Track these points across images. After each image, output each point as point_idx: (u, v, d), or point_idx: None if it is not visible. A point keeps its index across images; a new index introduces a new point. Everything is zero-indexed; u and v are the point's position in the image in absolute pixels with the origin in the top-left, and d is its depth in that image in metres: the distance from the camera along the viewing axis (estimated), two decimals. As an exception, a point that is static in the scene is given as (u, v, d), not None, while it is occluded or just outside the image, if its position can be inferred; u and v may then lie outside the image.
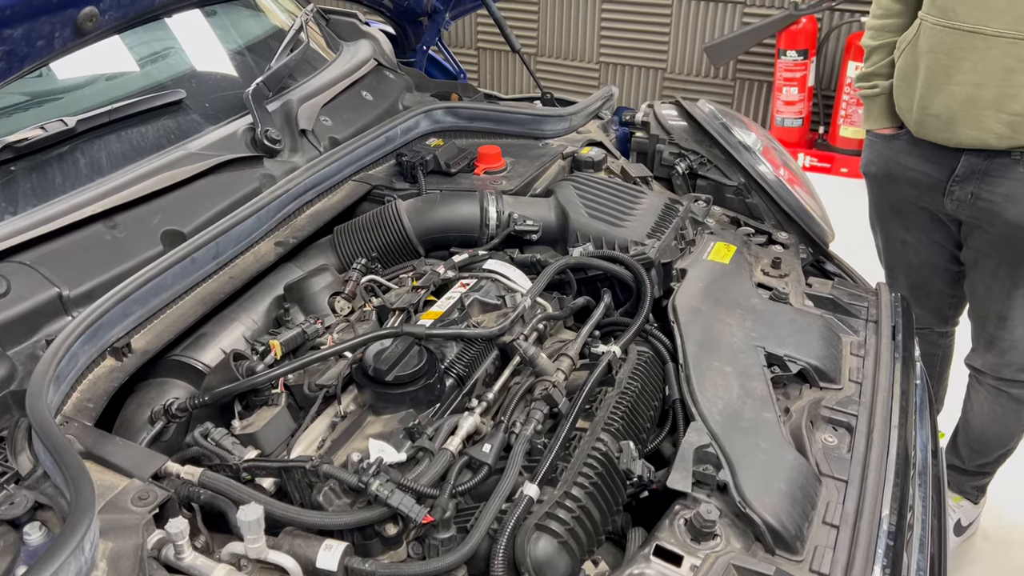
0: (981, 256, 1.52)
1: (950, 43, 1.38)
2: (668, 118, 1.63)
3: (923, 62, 1.43)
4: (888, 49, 1.53)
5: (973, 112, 1.38)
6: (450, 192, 1.33)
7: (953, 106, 1.40)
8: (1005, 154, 1.39)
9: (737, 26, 3.93)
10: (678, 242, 1.33)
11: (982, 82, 1.36)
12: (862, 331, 1.24)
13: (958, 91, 1.38)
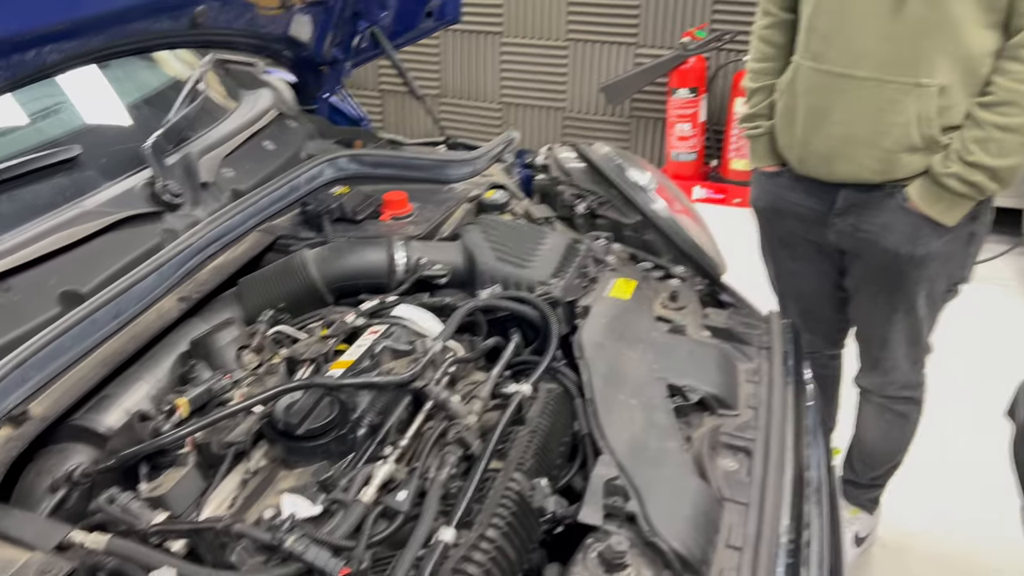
0: (863, 283, 1.64)
1: (824, 86, 1.49)
2: (567, 161, 1.69)
3: (801, 103, 1.54)
4: (768, 91, 1.64)
5: (849, 149, 1.49)
6: (357, 239, 1.35)
7: (831, 144, 1.51)
8: (880, 188, 1.51)
9: (631, 66, 4.09)
10: (581, 280, 1.38)
11: (856, 121, 1.47)
12: (756, 358, 1.32)
13: (835, 130, 1.50)
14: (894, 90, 1.41)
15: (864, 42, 1.42)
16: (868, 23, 1.40)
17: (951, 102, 1.40)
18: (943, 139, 1.42)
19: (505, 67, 4.36)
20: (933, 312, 1.62)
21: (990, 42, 1.37)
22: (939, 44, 1.37)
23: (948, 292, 1.60)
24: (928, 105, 1.39)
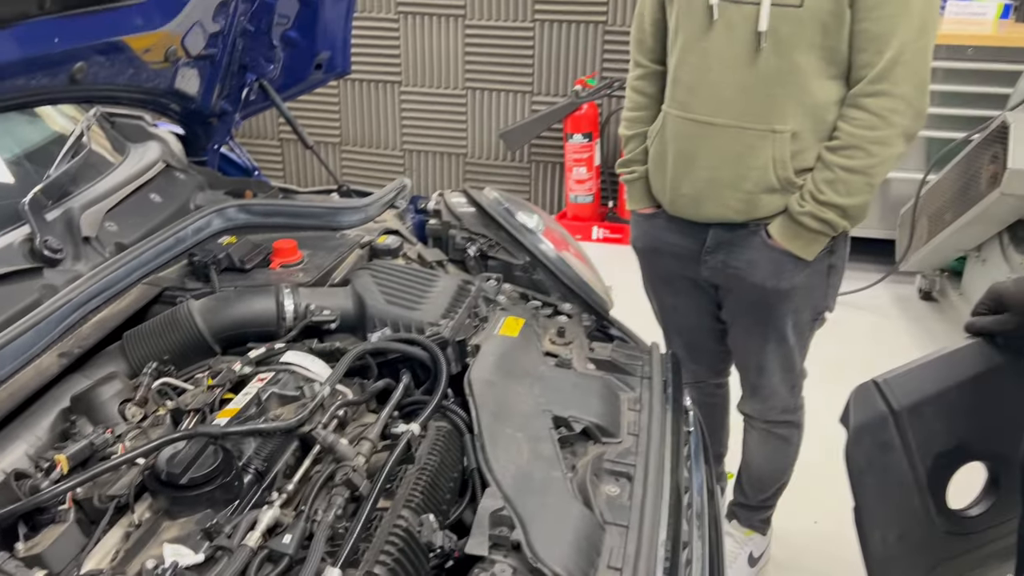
0: (736, 316, 1.74)
1: (690, 133, 1.60)
2: (458, 206, 1.74)
3: (670, 149, 1.64)
4: (641, 138, 1.74)
5: (715, 192, 1.60)
6: (245, 288, 1.36)
7: (698, 187, 1.61)
8: (744, 226, 1.62)
9: (528, 113, 4.22)
10: (472, 320, 1.42)
11: (719, 166, 1.58)
12: (638, 387, 1.38)
13: (701, 174, 1.60)
14: (752, 136, 1.53)
15: (724, 92, 1.53)
16: (726, 75, 1.52)
17: (803, 147, 1.52)
18: (798, 180, 1.54)
19: (405, 115, 4.43)
20: (802, 340, 1.74)
21: (834, 92, 1.50)
22: (789, 94, 1.49)
23: (814, 321, 1.71)
24: (783, 150, 1.52)
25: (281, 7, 1.74)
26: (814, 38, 1.44)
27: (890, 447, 1.25)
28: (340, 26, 1.87)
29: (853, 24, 1.43)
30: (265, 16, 1.70)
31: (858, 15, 1.42)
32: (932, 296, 3.55)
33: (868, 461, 1.27)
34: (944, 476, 1.27)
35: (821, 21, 1.43)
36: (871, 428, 1.26)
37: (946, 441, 1.26)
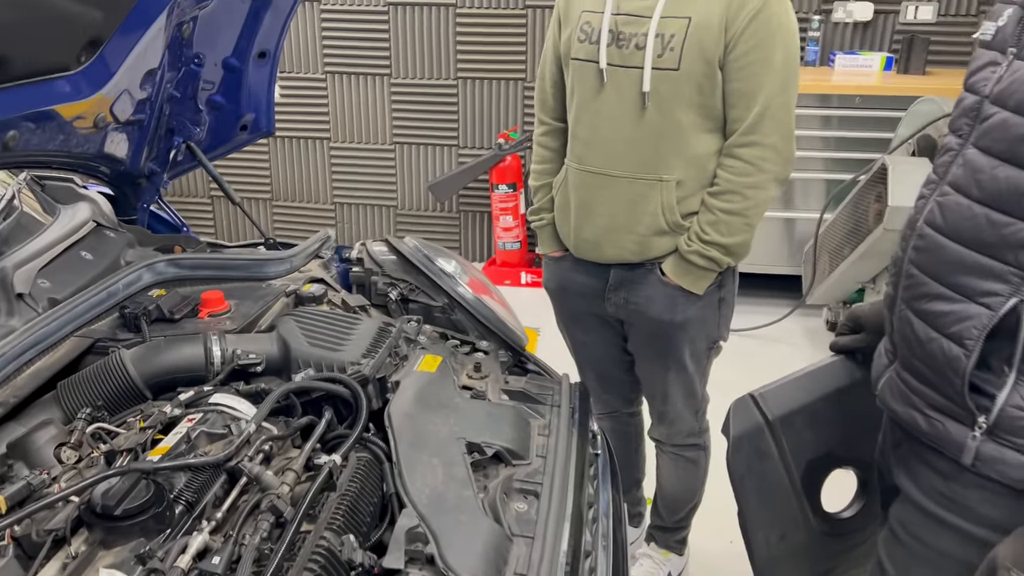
0: (640, 347, 1.89)
1: (589, 183, 1.76)
2: (379, 254, 1.85)
3: (572, 199, 1.80)
4: (548, 188, 1.90)
5: (613, 236, 1.76)
6: (174, 336, 1.44)
7: (598, 232, 1.77)
8: (641, 266, 1.78)
9: (454, 166, 4.38)
10: (392, 359, 1.53)
11: (615, 213, 1.74)
12: (548, 415, 1.50)
13: (599, 220, 1.76)
14: (642, 186, 1.69)
15: (616, 147, 1.70)
16: (617, 132, 1.69)
17: (687, 193, 1.70)
18: (685, 223, 1.71)
19: (335, 170, 4.54)
20: (700, 368, 1.89)
21: (712, 144, 1.68)
22: (673, 147, 1.67)
23: (710, 350, 1.87)
24: (670, 197, 1.68)
25: (206, 74, 1.85)
26: (692, 97, 1.62)
27: (767, 455, 1.38)
28: (264, 90, 1.99)
29: (724, 84, 1.61)
30: (191, 83, 1.81)
31: (728, 76, 1.60)
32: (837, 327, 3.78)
33: (747, 468, 1.40)
34: (817, 481, 1.41)
35: (697, 82, 1.61)
36: (749, 437, 1.39)
37: (816, 448, 1.40)
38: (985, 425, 1.03)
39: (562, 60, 1.78)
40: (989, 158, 1.01)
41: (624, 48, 1.63)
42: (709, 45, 1.57)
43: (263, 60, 1.95)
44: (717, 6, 1.57)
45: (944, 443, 1.09)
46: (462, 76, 4.28)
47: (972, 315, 1.02)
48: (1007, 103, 1.00)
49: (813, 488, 1.41)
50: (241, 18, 1.85)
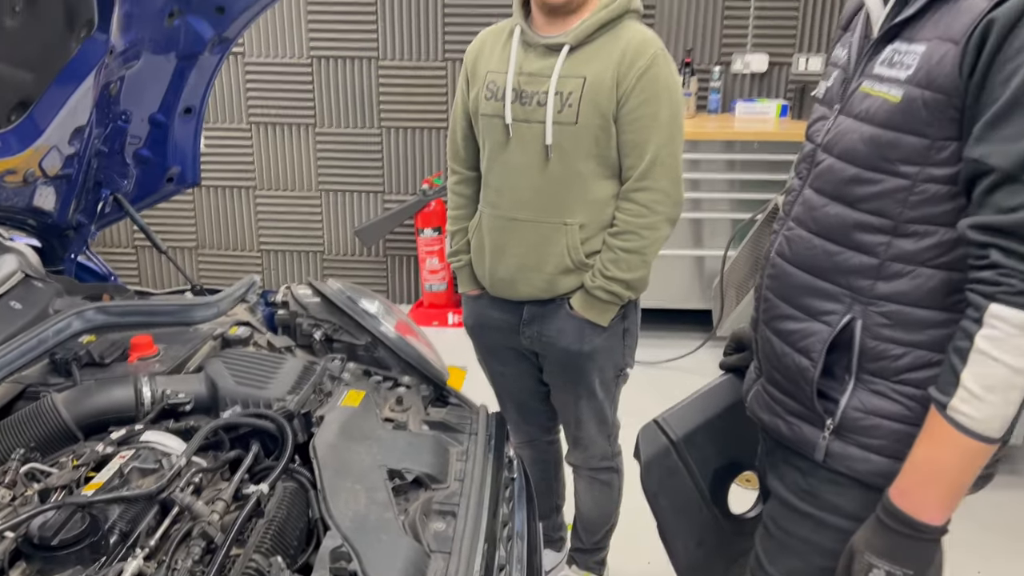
0: (554, 377, 2.02)
1: (500, 227, 1.90)
2: (304, 297, 1.94)
3: (487, 241, 1.94)
4: (464, 232, 2.04)
5: (524, 275, 1.90)
6: (104, 379, 1.50)
7: (510, 272, 1.91)
8: (552, 301, 1.92)
9: (380, 211, 4.50)
10: (317, 395, 1.62)
11: (525, 254, 1.88)
12: (466, 442, 1.61)
13: (512, 261, 1.90)
14: (548, 229, 1.85)
15: (523, 194, 1.85)
16: (524, 180, 1.84)
17: (589, 235, 1.85)
18: (589, 261, 1.87)
19: (261, 218, 4.60)
20: (610, 395, 2.03)
21: (610, 190, 1.85)
22: (575, 194, 1.83)
23: (617, 377, 2.02)
24: (574, 238, 1.84)
25: (133, 129, 1.94)
26: (589, 148, 1.79)
27: (675, 471, 1.52)
28: (189, 143, 2.08)
29: (618, 135, 1.78)
30: (118, 138, 1.89)
31: (621, 128, 1.78)
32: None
33: (659, 486, 1.54)
34: (723, 488, 1.56)
35: (593, 135, 1.77)
36: (657, 458, 1.53)
37: (718, 459, 1.54)
38: (832, 426, 1.18)
39: (471, 115, 1.93)
40: (821, 197, 1.19)
41: (527, 105, 1.79)
42: (603, 101, 1.74)
43: (189, 115, 2.04)
44: (609, 67, 1.74)
45: (801, 444, 1.24)
46: (385, 125, 4.41)
47: (815, 331, 1.19)
48: (833, 151, 1.17)
49: (720, 495, 1.54)
50: (167, 76, 1.95)
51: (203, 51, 1.96)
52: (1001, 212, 0.97)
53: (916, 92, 1.06)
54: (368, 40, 4.29)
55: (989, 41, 0.98)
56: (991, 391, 0.99)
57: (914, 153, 1.07)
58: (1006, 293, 0.96)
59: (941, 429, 1.03)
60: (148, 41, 1.83)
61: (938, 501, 1.06)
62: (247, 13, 1.94)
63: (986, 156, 0.98)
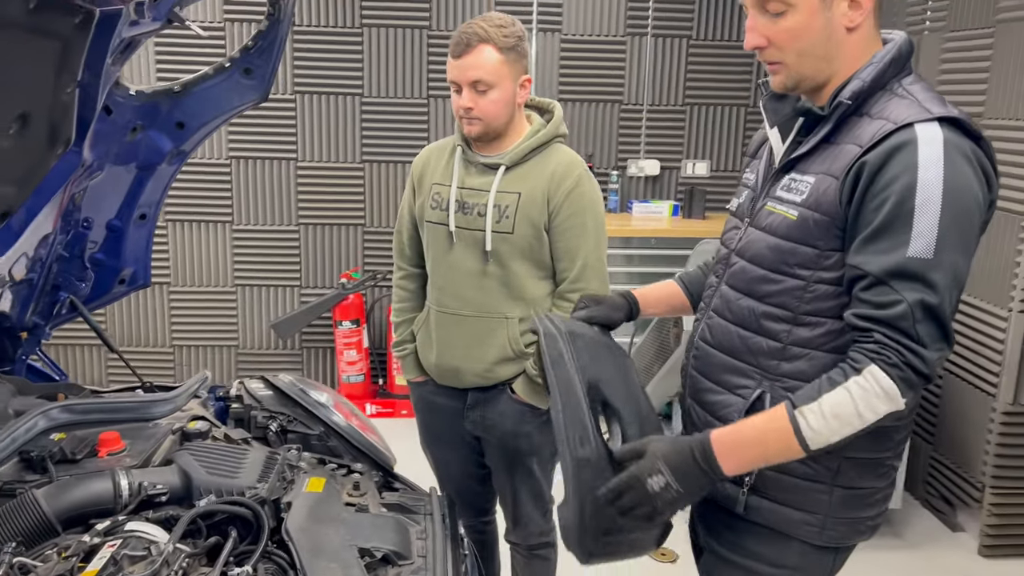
0: (495, 459, 2.19)
1: (446, 321, 2.10)
2: (257, 390, 2.06)
3: (434, 334, 2.12)
4: (409, 322, 2.21)
5: (468, 365, 2.08)
6: (81, 475, 1.57)
7: (456, 362, 2.09)
8: (495, 387, 2.11)
9: (297, 305, 4.59)
10: (282, 483, 1.73)
11: (470, 345, 2.07)
12: (422, 522, 1.75)
13: (458, 351, 2.08)
14: (490, 323, 2.05)
15: (466, 292, 2.06)
16: (467, 280, 2.06)
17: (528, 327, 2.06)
18: (528, 351, 2.07)
19: (175, 313, 4.60)
20: (546, 473, 2.21)
21: (545, 289, 2.09)
22: (512, 292, 2.05)
23: (553, 456, 2.20)
24: (514, 331, 2.05)
25: (92, 234, 2.04)
26: (525, 253, 2.03)
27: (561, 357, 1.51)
28: (142, 246, 2.19)
29: (551, 243, 2.03)
30: (79, 243, 1.99)
31: (553, 237, 2.03)
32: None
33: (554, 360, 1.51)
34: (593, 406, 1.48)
35: (528, 242, 2.02)
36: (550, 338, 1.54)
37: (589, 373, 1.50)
38: (749, 483, 1.41)
39: (417, 221, 2.14)
40: (735, 292, 1.45)
41: (469, 214, 2.02)
42: (535, 214, 1.99)
43: (143, 220, 2.16)
44: (540, 184, 2.00)
45: (725, 500, 1.46)
46: (303, 222, 4.56)
47: (732, 403, 1.43)
48: (745, 255, 1.44)
49: (592, 410, 1.49)
50: (126, 185, 2.08)
51: (161, 162, 2.10)
52: (877, 307, 1.22)
53: (808, 213, 1.32)
54: (288, 142, 4.47)
55: (862, 178, 1.25)
56: (835, 419, 1.21)
57: (808, 260, 1.33)
58: (885, 362, 1.20)
59: (782, 421, 1.24)
60: (112, 154, 1.96)
61: (740, 462, 1.27)
62: (205, 128, 2.11)
63: (863, 264, 1.24)
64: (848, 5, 1.30)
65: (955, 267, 1.22)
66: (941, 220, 1.19)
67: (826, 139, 1.35)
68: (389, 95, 4.46)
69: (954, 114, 1.25)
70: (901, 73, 1.34)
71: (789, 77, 1.35)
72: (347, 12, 4.35)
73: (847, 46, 1.32)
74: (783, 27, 1.30)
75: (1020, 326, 3.11)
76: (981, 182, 1.25)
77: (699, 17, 4.52)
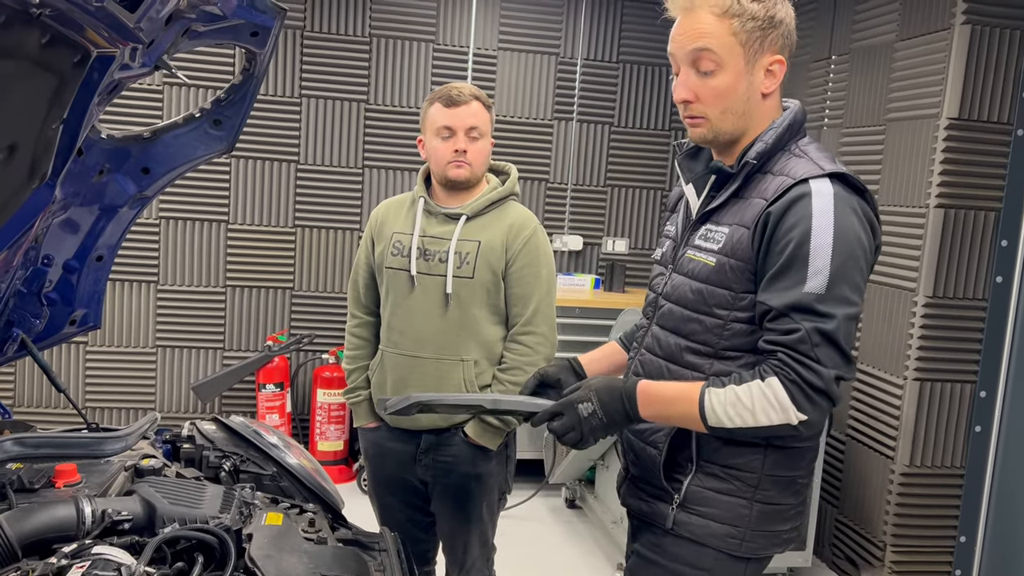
0: (444, 502, 2.25)
1: (402, 364, 2.18)
2: (210, 432, 2.08)
3: (389, 377, 2.20)
4: (363, 369, 2.28)
5: (424, 405, 2.16)
6: (43, 501, 1.56)
7: None
8: (448, 431, 2.19)
9: (219, 368, 4.53)
10: (240, 516, 1.75)
11: (426, 387, 2.16)
12: (379, 557, 1.80)
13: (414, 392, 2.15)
14: (447, 364, 2.15)
15: (424, 335, 2.16)
16: (426, 323, 2.16)
17: (482, 370, 2.18)
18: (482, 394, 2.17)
19: (90, 375, 4.46)
20: (493, 518, 2.28)
21: (499, 332, 2.21)
22: (470, 335, 2.16)
23: (500, 499, 2.28)
24: (469, 373, 2.15)
25: (50, 273, 2.05)
26: (483, 298, 2.15)
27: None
28: (97, 288, 2.20)
29: (506, 289, 2.17)
30: (37, 280, 2.00)
31: (508, 283, 2.17)
32: (575, 503, 4.36)
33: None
34: None
35: (486, 288, 2.15)
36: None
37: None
38: (678, 500, 1.57)
39: (375, 268, 2.24)
40: (664, 331, 1.63)
41: (430, 260, 2.14)
42: (494, 261, 2.13)
43: (100, 262, 2.18)
44: (499, 234, 2.15)
45: (656, 517, 1.61)
46: (231, 284, 4.55)
47: (660, 428, 1.59)
48: (671, 299, 1.62)
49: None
50: (88, 226, 2.11)
51: (124, 206, 2.15)
52: (782, 334, 1.40)
53: (725, 259, 1.50)
54: (220, 203, 4.50)
55: (768, 227, 1.43)
56: (732, 407, 1.41)
57: (725, 301, 1.50)
58: (785, 376, 1.38)
59: (693, 393, 1.45)
60: (78, 194, 2.01)
61: (654, 413, 1.50)
62: (169, 175, 2.17)
63: (768, 300, 1.42)
64: (765, 74, 1.50)
65: (846, 299, 1.40)
66: (832, 261, 1.38)
67: (735, 194, 1.53)
68: (324, 163, 4.57)
69: (842, 170, 1.46)
70: (797, 136, 1.54)
71: (710, 131, 1.53)
72: (287, 83, 4.49)
73: (761, 109, 1.52)
74: (711, 85, 1.48)
75: (914, 393, 3.41)
76: (866, 229, 1.44)
77: (620, 106, 4.87)
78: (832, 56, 4.07)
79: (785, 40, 1.51)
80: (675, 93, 1.53)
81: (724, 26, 1.46)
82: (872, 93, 3.75)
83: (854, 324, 1.43)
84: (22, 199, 1.79)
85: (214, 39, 1.85)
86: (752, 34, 1.47)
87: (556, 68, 4.76)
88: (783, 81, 1.54)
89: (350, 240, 4.64)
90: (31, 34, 1.38)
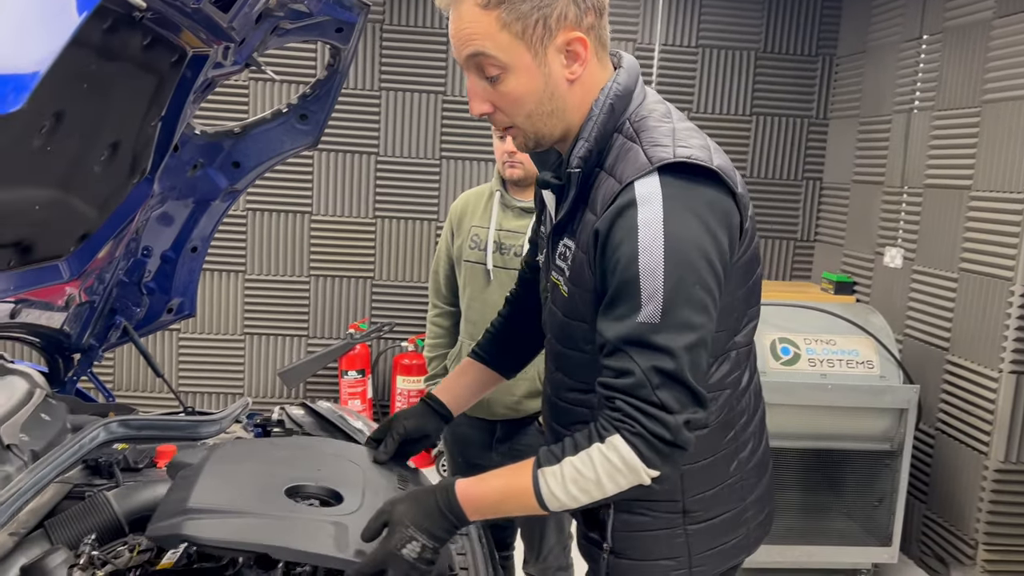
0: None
1: (480, 354, 2.20)
2: (299, 417, 2.16)
3: (468, 367, 2.23)
4: (442, 358, 2.33)
5: (500, 397, 2.19)
6: (146, 480, 1.66)
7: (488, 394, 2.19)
8: (523, 420, 2.21)
9: (304, 354, 4.67)
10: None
11: None
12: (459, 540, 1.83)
13: None
14: None
15: None
16: (496, 314, 2.18)
17: None
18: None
19: (183, 361, 4.67)
20: (569, 506, 2.29)
21: None
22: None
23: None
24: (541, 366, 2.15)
25: (148, 263, 2.16)
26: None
27: None
28: (192, 278, 2.31)
29: None
30: (137, 270, 2.11)
31: None
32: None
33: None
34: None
35: None
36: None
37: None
38: (609, 547, 1.39)
39: (454, 260, 2.28)
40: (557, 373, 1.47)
41: (506, 255, 2.16)
42: None
43: (195, 253, 2.28)
44: None
45: (591, 562, 1.47)
46: (315, 274, 4.69)
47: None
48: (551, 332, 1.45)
49: None
50: (183, 218, 2.21)
51: (216, 199, 2.24)
52: (616, 375, 1.18)
53: (574, 289, 1.30)
54: (304, 196, 4.63)
55: (598, 247, 1.21)
56: (574, 484, 1.18)
57: (585, 335, 1.30)
58: (628, 431, 1.16)
59: (524, 480, 1.23)
60: (174, 188, 2.10)
61: (483, 512, 1.28)
62: (258, 169, 2.25)
63: (603, 331, 1.20)
64: (565, 57, 1.23)
65: (687, 325, 1.16)
66: (666, 282, 1.15)
67: (580, 198, 1.29)
68: (403, 155, 4.65)
69: (679, 156, 1.18)
70: (627, 109, 1.27)
71: (527, 138, 1.31)
72: (367, 76, 4.58)
73: (573, 98, 1.26)
74: (503, 91, 1.24)
75: (1010, 386, 3.26)
76: (710, 227, 1.18)
77: (699, 92, 4.79)
78: (923, 36, 3.91)
79: (578, 7, 1.20)
80: (471, 107, 1.29)
81: (492, 19, 1.18)
82: (967, 74, 3.59)
83: (703, 349, 1.19)
84: (124, 194, 1.88)
85: (301, 36, 1.91)
86: (528, 19, 1.18)
87: (633, 54, 4.71)
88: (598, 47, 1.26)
89: (428, 230, 4.71)
90: (134, 37, 1.45)
